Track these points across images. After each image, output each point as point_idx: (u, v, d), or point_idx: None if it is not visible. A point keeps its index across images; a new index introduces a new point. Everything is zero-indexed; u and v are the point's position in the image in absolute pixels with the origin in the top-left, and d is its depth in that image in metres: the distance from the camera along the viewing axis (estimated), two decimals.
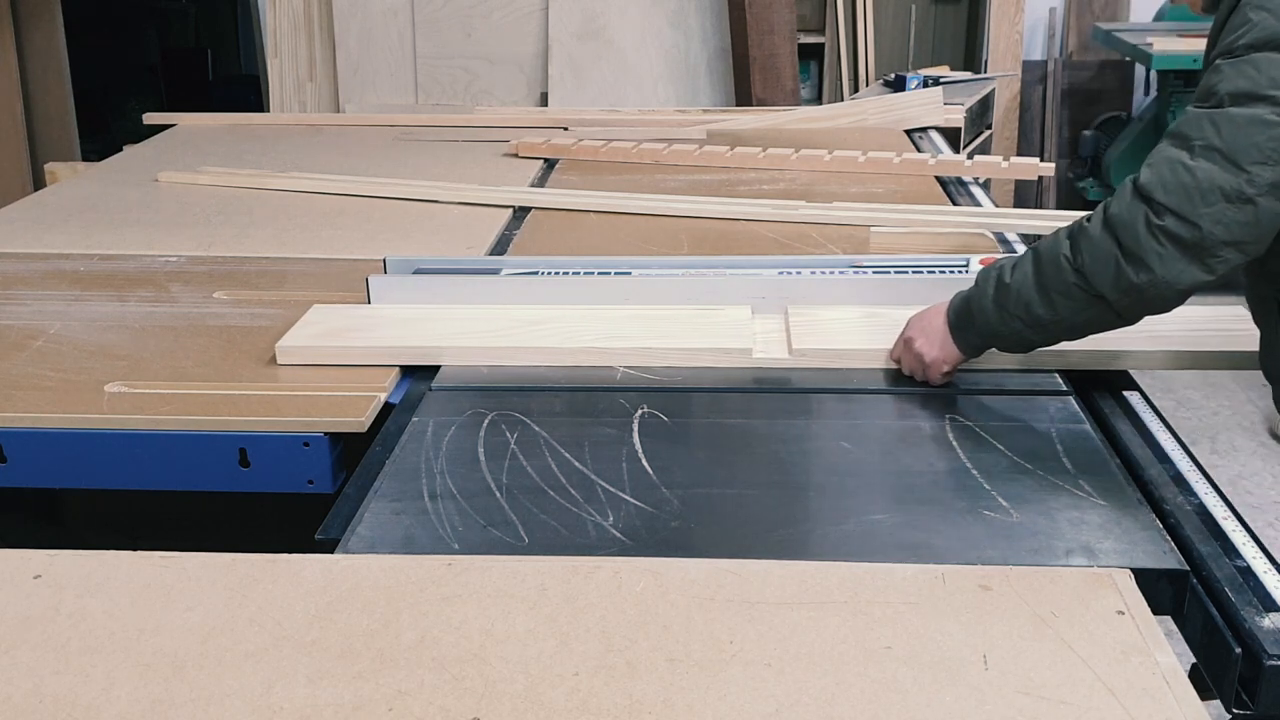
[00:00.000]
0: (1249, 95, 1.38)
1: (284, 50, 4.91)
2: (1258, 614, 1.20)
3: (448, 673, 1.09)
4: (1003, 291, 1.57)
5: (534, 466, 1.51)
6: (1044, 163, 2.98)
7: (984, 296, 1.60)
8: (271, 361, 1.83)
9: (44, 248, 2.46)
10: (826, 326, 1.89)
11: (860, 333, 1.86)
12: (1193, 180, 1.39)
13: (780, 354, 1.82)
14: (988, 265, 1.63)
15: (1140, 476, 1.49)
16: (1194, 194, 1.39)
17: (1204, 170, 1.39)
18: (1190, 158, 1.40)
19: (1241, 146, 1.37)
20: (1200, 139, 1.40)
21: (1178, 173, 1.40)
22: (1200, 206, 1.38)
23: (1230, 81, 1.40)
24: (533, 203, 2.76)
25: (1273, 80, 1.37)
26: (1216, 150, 1.38)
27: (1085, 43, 5.84)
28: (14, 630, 1.17)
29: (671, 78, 4.91)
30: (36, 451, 1.67)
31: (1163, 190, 1.41)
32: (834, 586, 1.22)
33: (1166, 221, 1.40)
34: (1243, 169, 1.37)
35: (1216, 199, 1.38)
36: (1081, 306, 1.51)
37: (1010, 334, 1.60)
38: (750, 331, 1.87)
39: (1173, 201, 1.40)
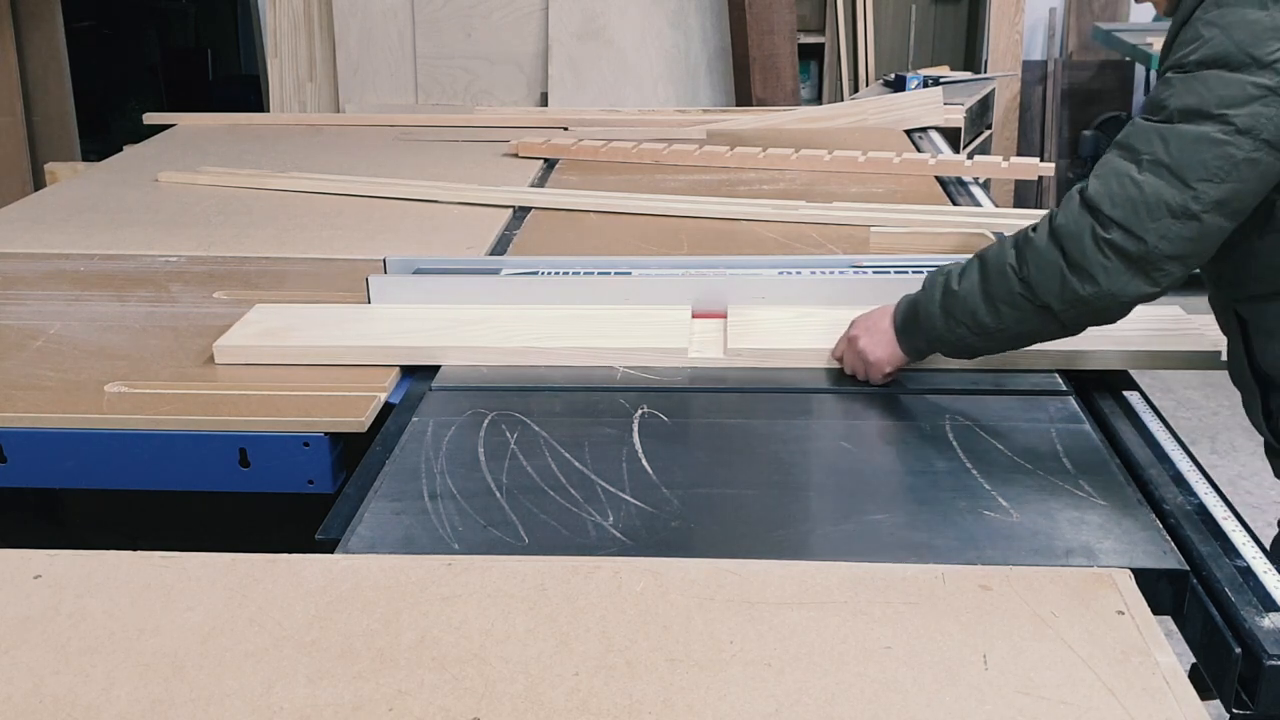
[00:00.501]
0: (1197, 112, 1.39)
1: (284, 50, 4.91)
2: (1258, 614, 1.20)
3: (448, 673, 1.09)
4: (950, 298, 1.58)
5: (534, 466, 1.51)
6: (1044, 163, 2.98)
7: (931, 302, 1.61)
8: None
9: (44, 248, 2.46)
10: (762, 326, 1.90)
11: (795, 332, 1.87)
12: (1140, 195, 1.40)
13: (715, 354, 1.83)
14: (932, 272, 1.64)
15: (1140, 476, 1.49)
16: (1140, 208, 1.40)
17: (1151, 185, 1.40)
18: (1138, 171, 1.41)
19: (1189, 163, 1.38)
20: (1149, 153, 1.41)
21: (1125, 186, 1.42)
22: (1147, 221, 1.40)
23: (1180, 97, 1.41)
24: (533, 203, 2.76)
25: (1221, 99, 1.38)
26: (1164, 166, 1.40)
27: (1085, 43, 5.84)
28: (14, 630, 1.17)
29: (671, 78, 4.91)
30: (36, 451, 1.67)
31: (1110, 203, 1.42)
32: (834, 586, 1.22)
33: (1113, 235, 1.41)
34: (1189, 185, 1.38)
35: (1162, 214, 1.39)
36: (1027, 316, 1.52)
37: (956, 340, 1.61)
38: (687, 331, 1.88)
39: (1120, 215, 1.41)
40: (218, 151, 3.32)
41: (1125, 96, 5.94)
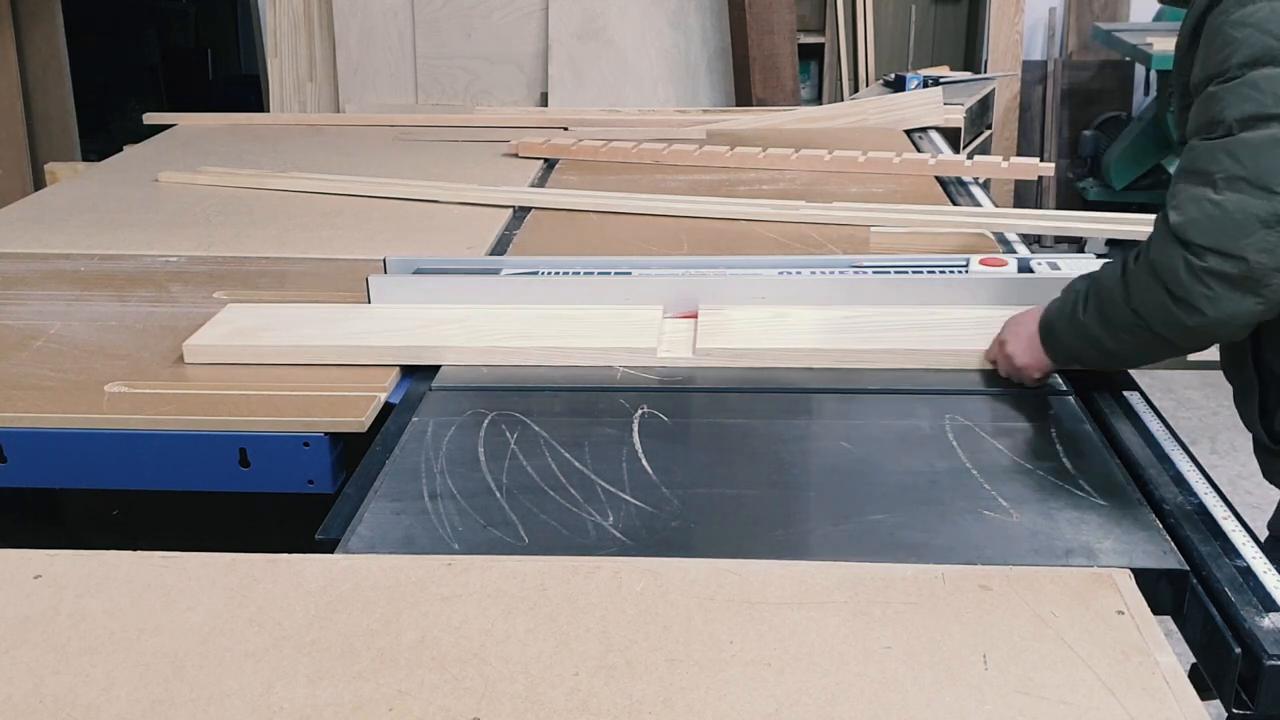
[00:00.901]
0: (1258, 117, 1.35)
1: (284, 50, 4.91)
2: (1258, 614, 1.20)
3: (448, 673, 1.09)
4: (1076, 324, 1.57)
5: (534, 466, 1.51)
6: (1044, 163, 2.98)
7: (1063, 320, 1.59)
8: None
9: (44, 248, 2.46)
10: (733, 326, 1.90)
11: (766, 332, 1.87)
12: (1224, 214, 1.35)
13: (685, 353, 1.84)
14: (1071, 282, 1.61)
15: (1140, 476, 1.49)
16: (1230, 228, 1.35)
17: (1234, 201, 1.35)
18: (1215, 192, 1.36)
19: (1267, 169, 1.33)
20: (1221, 171, 1.36)
21: (1206, 209, 1.36)
22: (1240, 239, 1.35)
23: (1235, 107, 1.36)
24: (533, 203, 2.76)
25: (1277, 97, 1.34)
26: (1241, 179, 1.35)
27: (1085, 43, 5.84)
28: (14, 630, 1.17)
29: (671, 78, 4.91)
30: (36, 451, 1.67)
31: (1196, 230, 1.37)
32: (834, 586, 1.22)
33: (1209, 262, 1.36)
34: (1273, 192, 1.33)
35: (1255, 227, 1.34)
36: (1146, 342, 1.49)
37: (1090, 358, 1.60)
38: (658, 331, 1.88)
39: (1209, 240, 1.36)
40: (218, 151, 3.32)
41: (1125, 96, 5.94)
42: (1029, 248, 2.41)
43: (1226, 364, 1.64)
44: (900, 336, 1.84)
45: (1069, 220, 2.58)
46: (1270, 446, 1.57)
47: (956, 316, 1.91)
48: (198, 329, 1.97)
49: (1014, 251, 2.33)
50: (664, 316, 1.95)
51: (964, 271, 2.02)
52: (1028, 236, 2.53)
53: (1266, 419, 1.57)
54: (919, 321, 1.90)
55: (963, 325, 1.86)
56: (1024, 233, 2.47)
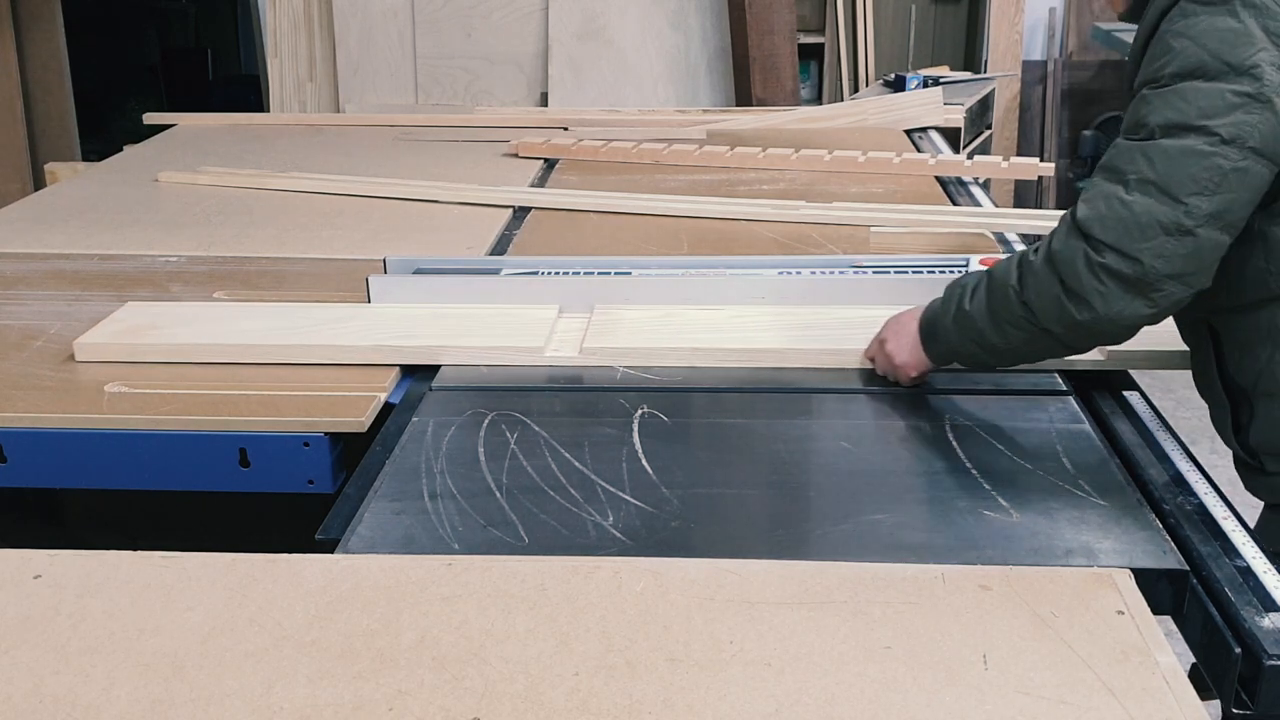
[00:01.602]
0: (1179, 126, 1.37)
1: (284, 50, 4.91)
2: (1258, 614, 1.20)
3: (448, 673, 1.09)
4: (961, 315, 1.58)
5: (534, 466, 1.51)
6: (1044, 163, 2.98)
7: (946, 315, 1.61)
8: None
9: (44, 248, 2.46)
10: (625, 325, 1.91)
11: (655, 332, 1.88)
12: (1130, 215, 1.38)
13: (571, 353, 1.84)
14: (955, 280, 1.63)
15: (1140, 476, 1.49)
16: (1133, 229, 1.38)
17: (1141, 204, 1.38)
18: (1126, 191, 1.39)
19: (1177, 178, 1.36)
20: (1134, 172, 1.39)
21: (1114, 208, 1.39)
22: (1139, 241, 1.37)
23: (1159, 113, 1.39)
24: (533, 203, 2.76)
25: (1201, 110, 1.36)
26: (1151, 183, 1.37)
27: (1085, 43, 5.84)
28: (14, 630, 1.17)
29: (671, 78, 4.91)
30: (36, 451, 1.67)
31: (1100, 226, 1.40)
32: (834, 586, 1.22)
33: (1107, 258, 1.39)
34: (1180, 201, 1.36)
35: (1156, 233, 1.37)
36: (1030, 338, 1.51)
37: (968, 355, 1.61)
38: (547, 331, 1.88)
39: (1111, 238, 1.39)
40: (218, 151, 3.32)
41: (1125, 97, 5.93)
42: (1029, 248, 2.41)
43: (1198, 383, 1.65)
44: (784, 336, 1.86)
45: None
46: (1249, 462, 1.57)
47: (844, 316, 1.93)
48: None
49: (1014, 251, 2.33)
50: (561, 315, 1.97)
51: (964, 271, 2.02)
52: (1027, 236, 2.53)
53: (1241, 435, 1.56)
54: (806, 321, 1.91)
55: (849, 325, 1.88)
56: (1024, 233, 2.47)
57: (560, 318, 1.96)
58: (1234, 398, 1.57)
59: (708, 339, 1.86)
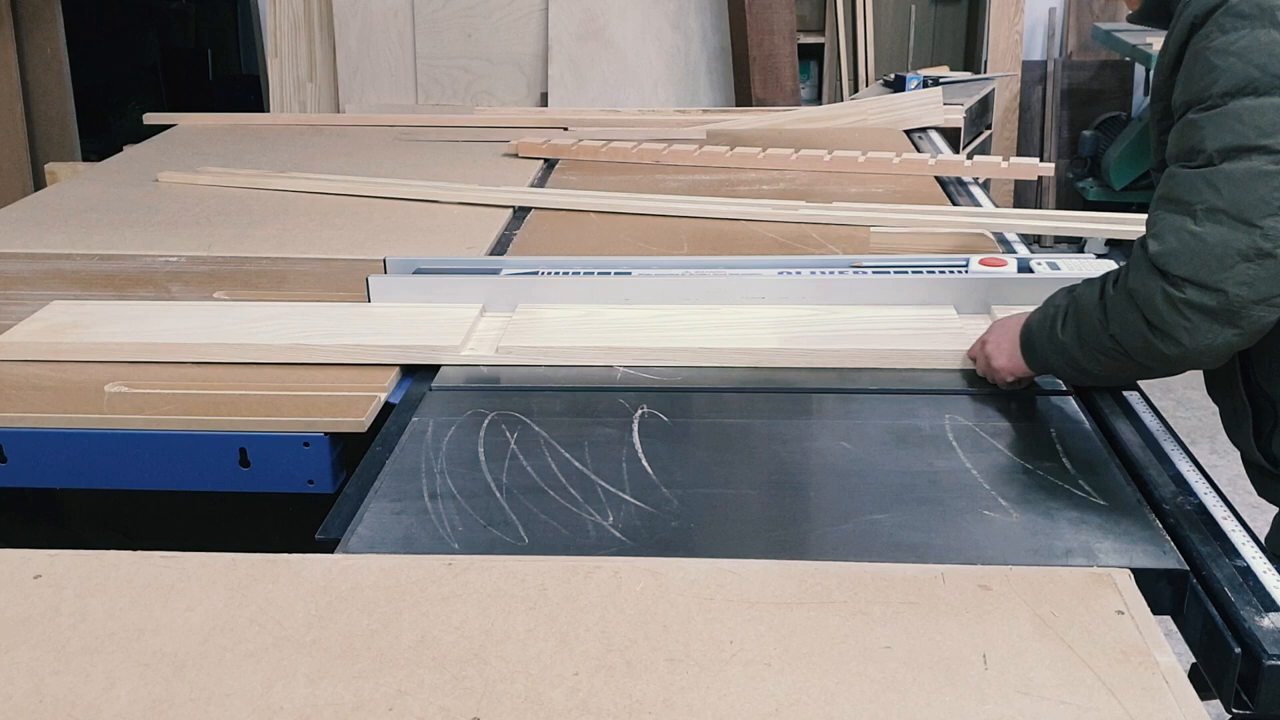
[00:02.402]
0: (1239, 149, 1.33)
1: (284, 50, 4.91)
2: (1257, 614, 1.20)
3: (448, 673, 1.09)
4: (1054, 342, 1.56)
5: (534, 466, 1.51)
6: (1044, 163, 2.98)
7: (1042, 335, 1.59)
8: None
9: (44, 248, 2.46)
10: (541, 325, 1.92)
11: (573, 330, 1.89)
12: (1204, 246, 1.33)
13: (488, 352, 1.85)
14: (1051, 296, 1.60)
15: (1140, 476, 1.49)
16: (1210, 261, 1.33)
17: (1215, 234, 1.33)
18: (1195, 223, 1.35)
19: (1248, 202, 1.32)
20: (1201, 202, 1.35)
21: (1185, 241, 1.35)
22: (1219, 272, 1.33)
23: (1215, 137, 1.34)
24: (533, 203, 2.76)
25: (1260, 129, 1.32)
26: (1222, 211, 1.33)
27: (1085, 43, 5.84)
28: (14, 630, 1.17)
29: (671, 78, 4.91)
30: (36, 451, 1.67)
31: (1176, 261, 1.35)
32: (834, 586, 1.22)
33: (1188, 293, 1.35)
34: (1254, 225, 1.32)
35: (1235, 261, 1.32)
36: (1123, 365, 1.49)
37: (1065, 374, 1.62)
38: (465, 329, 1.89)
39: (1188, 271, 1.34)
40: (218, 151, 3.32)
41: (1125, 96, 5.94)
42: (1029, 248, 2.41)
43: (1211, 387, 1.63)
44: (702, 335, 1.87)
45: (1069, 220, 2.59)
46: (1267, 468, 1.55)
47: (761, 316, 1.93)
48: None
49: (1014, 251, 2.33)
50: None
51: (964, 271, 2.02)
52: (1028, 236, 2.53)
53: (1263, 443, 1.54)
54: (724, 321, 1.92)
55: (760, 325, 1.90)
56: (1024, 233, 2.47)
57: (483, 317, 1.97)
58: (1257, 404, 1.55)
59: (624, 338, 1.86)
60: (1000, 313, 1.87)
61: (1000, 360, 1.68)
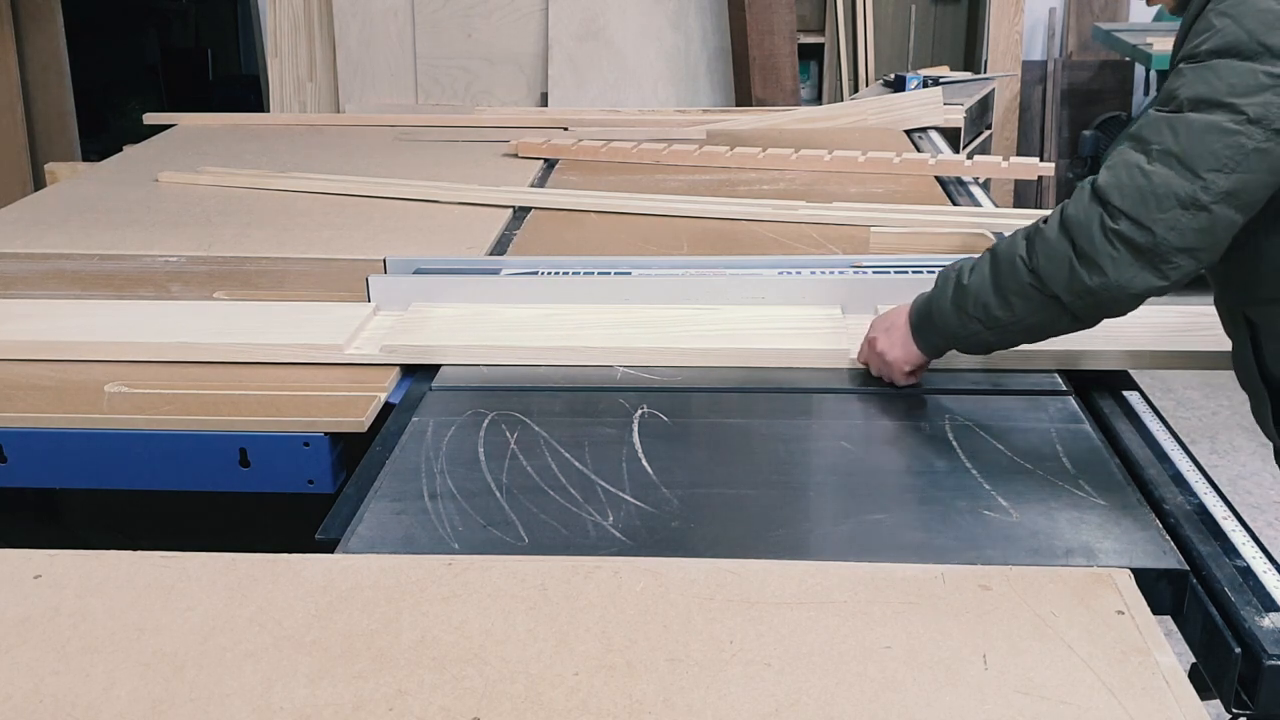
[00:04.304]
0: (1208, 101, 1.37)
1: (284, 50, 4.90)
2: (1257, 614, 1.20)
3: (448, 673, 1.09)
4: (961, 293, 1.57)
5: (534, 466, 1.51)
6: (1044, 163, 2.98)
7: (943, 298, 1.60)
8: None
9: (44, 248, 2.46)
10: (429, 324, 1.92)
11: (462, 330, 1.89)
12: (1149, 185, 1.38)
13: (372, 350, 1.85)
14: (944, 269, 1.63)
15: (1140, 476, 1.49)
16: (1149, 199, 1.38)
17: (1160, 175, 1.38)
18: (1148, 162, 1.39)
19: (1198, 153, 1.36)
20: (1158, 143, 1.39)
21: (1134, 176, 1.40)
22: (1155, 212, 1.38)
23: (1191, 87, 1.39)
24: (533, 203, 2.76)
25: (1232, 87, 1.36)
26: (1173, 155, 1.38)
27: (1085, 43, 5.84)
28: (14, 630, 1.17)
29: (671, 78, 4.91)
30: (36, 451, 1.67)
31: (1119, 194, 1.40)
32: (834, 586, 1.22)
33: (1121, 225, 1.40)
34: (1199, 175, 1.36)
35: (1171, 205, 1.37)
36: (1037, 307, 1.50)
37: (969, 335, 1.60)
38: (352, 328, 1.88)
39: (1128, 205, 1.39)
40: (218, 151, 3.32)
41: (1125, 96, 5.94)
42: None
43: (1239, 374, 1.64)
44: (586, 335, 1.87)
45: None
46: None
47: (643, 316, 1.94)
48: None
49: None
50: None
51: None
52: None
53: None
54: (616, 320, 1.92)
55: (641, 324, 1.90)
56: None
57: (375, 315, 1.97)
58: (1273, 389, 1.56)
59: (513, 337, 1.87)
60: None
61: (894, 353, 1.68)
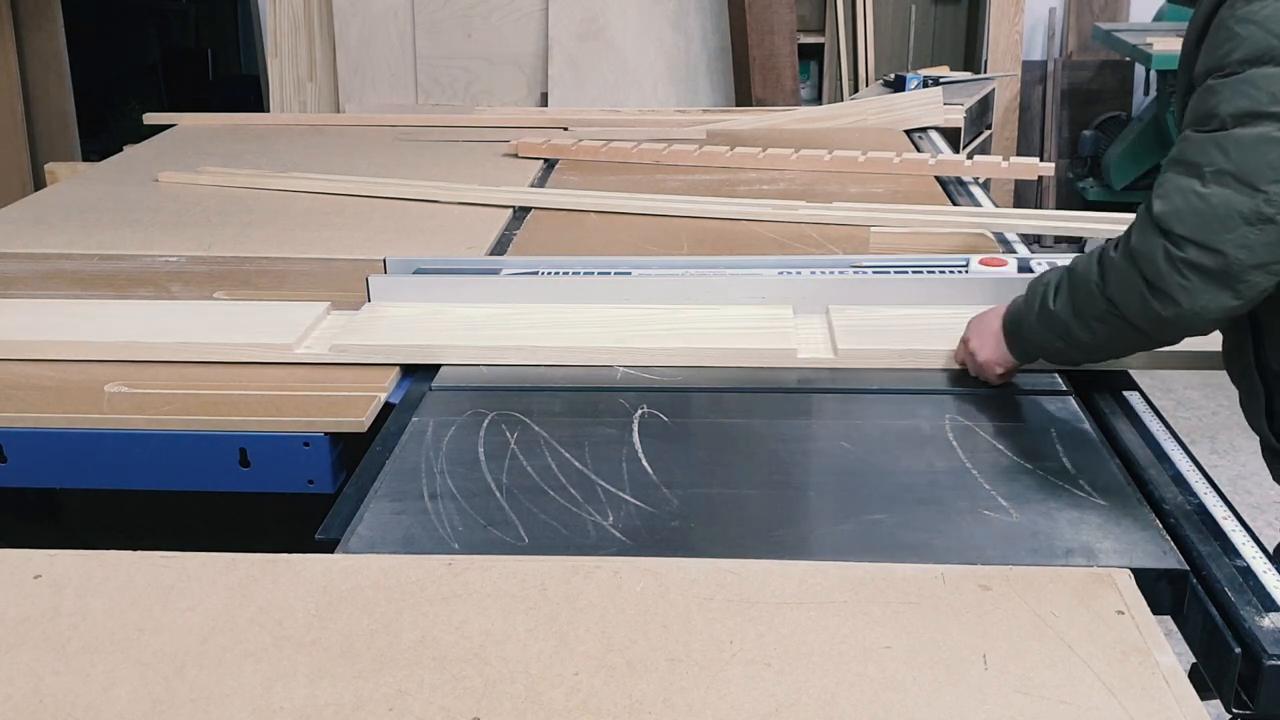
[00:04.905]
0: (1252, 114, 1.35)
1: (284, 50, 4.91)
2: (1257, 614, 1.20)
3: (448, 673, 1.09)
4: (1046, 313, 1.57)
5: (534, 466, 1.51)
6: (1044, 163, 2.98)
7: (1031, 314, 1.60)
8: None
9: (44, 248, 2.46)
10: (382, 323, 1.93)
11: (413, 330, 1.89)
12: (1208, 207, 1.36)
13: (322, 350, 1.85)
14: (1037, 278, 1.62)
15: (1140, 476, 1.49)
16: (1212, 221, 1.36)
17: (1219, 196, 1.35)
18: (1202, 184, 1.37)
19: (1254, 167, 1.34)
20: (1209, 164, 1.37)
21: (1191, 201, 1.37)
22: (1221, 233, 1.35)
23: (1230, 102, 1.37)
24: (533, 203, 2.76)
25: (1273, 96, 1.34)
26: (1229, 174, 1.35)
27: (1085, 43, 5.84)
28: (14, 630, 1.17)
29: (671, 78, 4.91)
30: (36, 451, 1.67)
31: (1179, 221, 1.38)
32: (834, 586, 1.22)
33: (1188, 253, 1.37)
34: (1259, 189, 1.34)
35: (1237, 223, 1.35)
36: (1117, 332, 1.50)
37: (1055, 351, 1.61)
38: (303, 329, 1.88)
39: (1191, 231, 1.37)
40: (218, 151, 3.32)
41: (1125, 96, 5.94)
42: (1029, 248, 2.41)
43: (1230, 369, 1.64)
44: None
45: (1069, 220, 2.58)
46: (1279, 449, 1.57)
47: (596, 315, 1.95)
48: None
49: (1014, 251, 2.33)
50: None
51: (964, 271, 2.02)
52: (1028, 236, 2.53)
53: (1274, 422, 1.56)
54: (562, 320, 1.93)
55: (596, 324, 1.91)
56: (1024, 233, 2.47)
57: (328, 315, 1.97)
58: (1269, 383, 1.56)
59: (464, 336, 1.86)
60: (836, 313, 1.92)
61: (986, 354, 1.69)
